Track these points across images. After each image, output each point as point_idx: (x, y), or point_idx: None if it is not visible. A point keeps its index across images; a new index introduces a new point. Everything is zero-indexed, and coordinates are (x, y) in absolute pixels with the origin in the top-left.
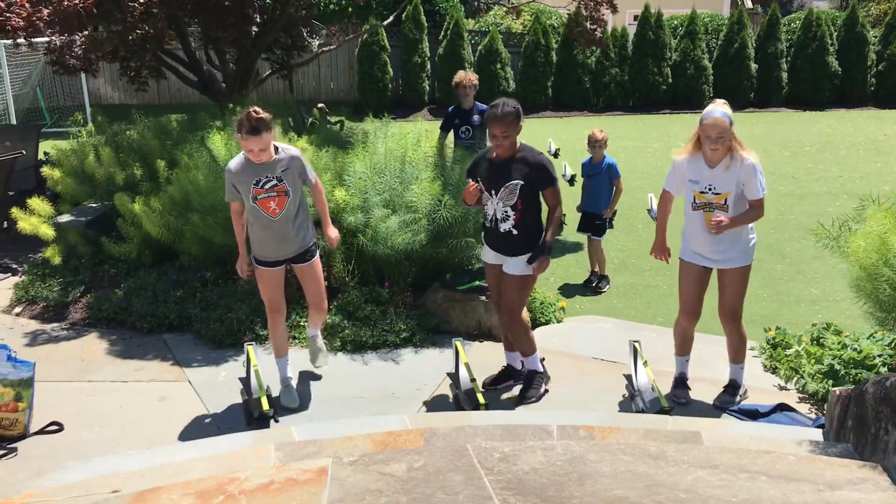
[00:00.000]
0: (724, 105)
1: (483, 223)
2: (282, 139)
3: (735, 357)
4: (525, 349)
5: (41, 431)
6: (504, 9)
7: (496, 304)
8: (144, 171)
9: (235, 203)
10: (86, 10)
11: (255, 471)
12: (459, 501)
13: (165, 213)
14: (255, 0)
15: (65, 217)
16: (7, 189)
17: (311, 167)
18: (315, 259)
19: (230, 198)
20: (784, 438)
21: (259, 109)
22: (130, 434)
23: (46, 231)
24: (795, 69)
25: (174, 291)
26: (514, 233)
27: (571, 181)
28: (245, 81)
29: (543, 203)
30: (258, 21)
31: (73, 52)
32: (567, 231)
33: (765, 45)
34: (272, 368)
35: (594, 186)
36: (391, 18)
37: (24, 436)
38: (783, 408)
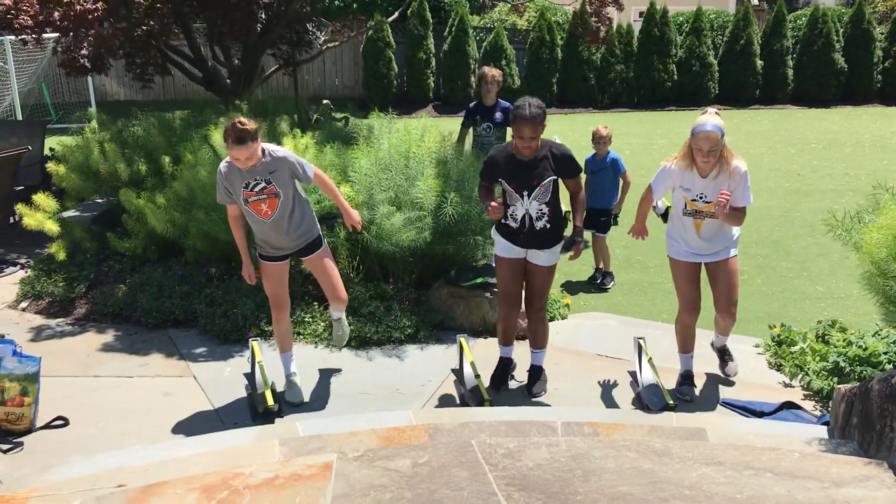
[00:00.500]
0: (716, 116)
1: (504, 224)
2: (287, 136)
3: (725, 333)
4: (544, 342)
5: (47, 426)
6: (508, 5)
7: (512, 299)
8: (150, 167)
9: (232, 207)
10: (99, 14)
11: (260, 466)
12: (464, 497)
13: (170, 209)
14: None
15: (70, 213)
16: (13, 185)
17: (308, 161)
18: (322, 250)
19: (223, 200)
20: (789, 435)
21: (244, 120)
22: (135, 429)
23: (52, 227)
24: (801, 66)
25: (179, 287)
26: (549, 227)
27: None
28: (250, 77)
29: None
30: (263, 17)
31: (82, 53)
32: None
33: (770, 42)
34: (277, 364)
35: (598, 182)
36: (396, 14)
37: (30, 430)
38: (789, 406)
